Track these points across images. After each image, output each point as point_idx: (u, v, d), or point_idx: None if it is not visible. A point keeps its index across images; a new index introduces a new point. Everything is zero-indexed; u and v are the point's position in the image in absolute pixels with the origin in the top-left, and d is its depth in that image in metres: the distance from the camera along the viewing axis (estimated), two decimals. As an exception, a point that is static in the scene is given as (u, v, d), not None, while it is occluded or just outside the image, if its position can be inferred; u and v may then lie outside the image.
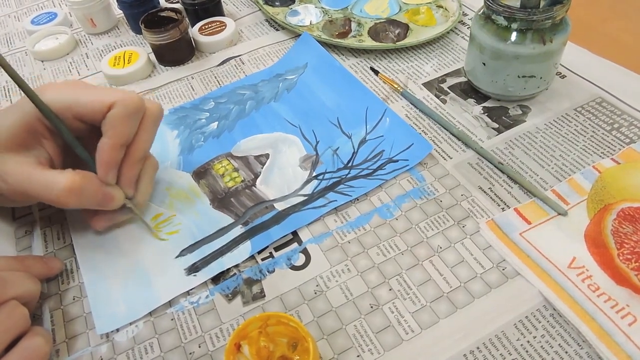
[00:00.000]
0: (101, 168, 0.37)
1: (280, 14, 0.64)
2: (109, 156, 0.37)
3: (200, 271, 0.39)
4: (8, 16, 0.75)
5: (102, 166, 0.37)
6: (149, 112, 0.39)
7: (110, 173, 0.37)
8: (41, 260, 0.38)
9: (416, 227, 0.40)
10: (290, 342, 0.31)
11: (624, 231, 0.37)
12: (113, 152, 0.37)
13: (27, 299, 0.34)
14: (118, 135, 0.37)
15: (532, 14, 0.42)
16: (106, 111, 0.36)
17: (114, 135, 0.37)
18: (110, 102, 0.36)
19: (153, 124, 0.40)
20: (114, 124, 0.36)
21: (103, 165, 0.37)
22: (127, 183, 0.39)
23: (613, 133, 0.46)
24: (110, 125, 0.36)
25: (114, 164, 0.37)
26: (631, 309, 0.33)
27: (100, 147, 0.37)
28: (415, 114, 0.51)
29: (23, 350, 0.31)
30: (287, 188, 0.44)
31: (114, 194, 0.38)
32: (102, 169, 0.37)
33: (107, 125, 0.37)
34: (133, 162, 0.39)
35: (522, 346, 0.33)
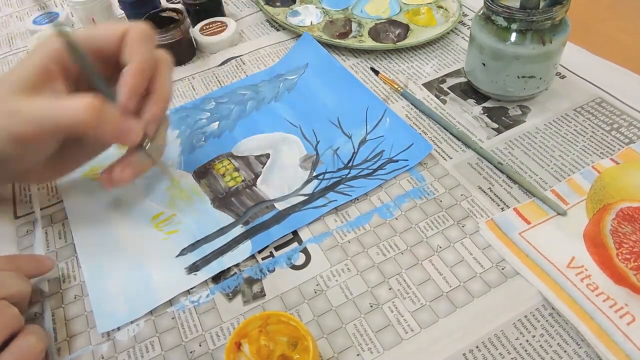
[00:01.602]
0: (124, 92, 0.36)
1: (281, 15, 0.64)
2: (133, 80, 0.36)
3: (200, 270, 0.39)
4: (10, 16, 0.75)
5: (125, 90, 0.36)
6: (161, 58, 0.39)
7: (132, 99, 0.37)
8: (32, 258, 0.38)
9: (416, 226, 0.40)
10: (290, 341, 0.31)
11: (622, 231, 0.37)
12: (137, 76, 0.36)
13: (17, 298, 0.33)
14: (139, 57, 0.37)
15: (531, 14, 0.43)
16: (121, 38, 0.37)
17: (135, 58, 0.37)
18: (123, 28, 0.37)
19: (168, 68, 0.40)
20: (133, 46, 0.37)
21: (126, 90, 0.36)
22: (152, 118, 0.38)
23: (612, 133, 0.46)
24: (130, 49, 0.37)
25: (136, 90, 0.37)
26: (630, 308, 0.33)
27: (124, 73, 0.36)
28: (415, 114, 0.51)
29: (16, 350, 0.31)
30: (287, 188, 0.44)
31: (133, 126, 0.37)
32: (125, 95, 0.36)
33: (127, 50, 0.37)
34: (158, 100, 0.38)
35: (521, 345, 0.33)
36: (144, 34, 0.38)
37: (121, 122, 0.36)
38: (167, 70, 0.39)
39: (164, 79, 0.39)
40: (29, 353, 0.31)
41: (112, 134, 0.36)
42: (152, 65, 0.38)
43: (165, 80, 0.39)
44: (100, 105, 0.34)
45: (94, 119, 0.34)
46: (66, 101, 0.34)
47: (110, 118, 0.35)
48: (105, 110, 0.34)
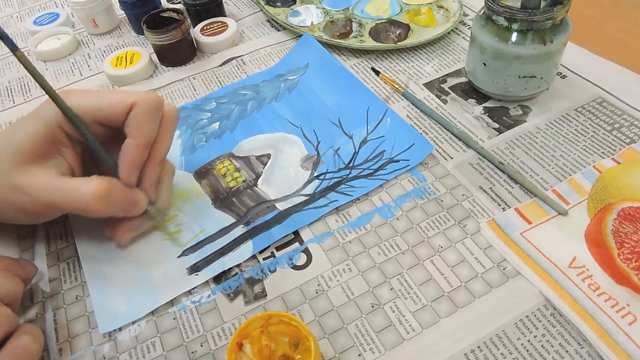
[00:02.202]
0: (125, 169, 0.37)
1: (282, 15, 0.64)
2: (134, 157, 0.37)
3: (202, 271, 0.39)
4: (10, 17, 0.75)
5: (126, 167, 0.37)
6: (167, 114, 0.39)
7: (134, 174, 0.37)
8: (17, 262, 0.37)
9: (417, 226, 0.40)
10: (291, 341, 0.31)
11: (624, 231, 0.37)
12: (138, 152, 0.37)
13: (9, 299, 0.33)
14: (142, 134, 0.37)
15: (532, 14, 0.43)
16: (127, 112, 0.36)
17: (138, 135, 0.36)
18: (131, 101, 0.36)
19: (172, 125, 0.39)
20: (137, 123, 0.36)
21: (128, 166, 0.37)
22: (151, 185, 0.39)
23: (613, 133, 0.46)
24: (133, 124, 0.36)
25: (137, 165, 0.37)
26: (631, 308, 0.33)
27: (125, 148, 0.37)
28: (416, 114, 0.51)
29: (10, 351, 0.31)
30: (288, 188, 0.44)
31: (138, 198, 0.37)
32: (126, 170, 0.37)
33: (131, 125, 0.36)
34: (155, 164, 0.38)
35: (523, 345, 0.33)
36: (150, 109, 0.37)
37: (127, 198, 0.37)
38: (170, 127, 0.39)
39: (162, 142, 0.38)
40: (24, 353, 0.31)
41: (120, 211, 0.37)
42: (153, 137, 0.38)
43: (163, 143, 0.39)
44: (109, 189, 0.35)
45: (103, 206, 0.34)
46: (75, 186, 0.35)
47: (118, 197, 0.36)
48: (113, 191, 0.35)
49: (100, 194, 0.34)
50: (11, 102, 0.58)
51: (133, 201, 0.37)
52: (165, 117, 0.39)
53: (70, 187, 0.35)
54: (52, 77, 0.61)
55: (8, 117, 0.56)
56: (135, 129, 0.36)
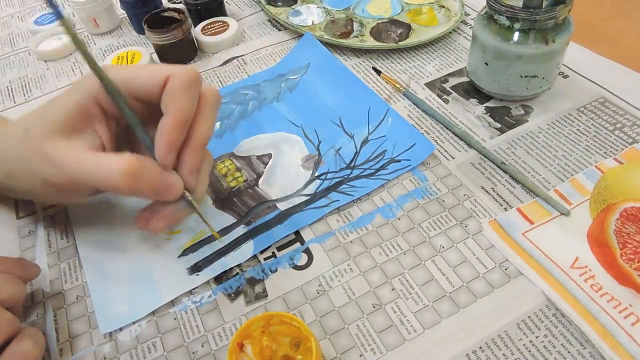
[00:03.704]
0: (161, 148, 0.34)
1: (283, 14, 0.64)
2: (170, 135, 0.34)
3: (202, 271, 0.39)
4: (11, 16, 0.75)
5: (162, 146, 0.34)
6: (206, 95, 0.36)
7: (170, 154, 0.34)
8: (20, 263, 0.37)
9: (418, 227, 0.40)
10: (293, 342, 0.31)
11: (626, 231, 0.37)
12: (174, 130, 0.34)
13: (11, 302, 0.33)
14: (178, 110, 0.34)
15: (534, 14, 0.42)
16: (163, 84, 0.34)
17: (174, 111, 0.34)
18: (166, 74, 0.34)
19: (211, 105, 0.36)
20: (172, 97, 0.34)
21: (163, 144, 0.34)
22: (190, 170, 0.35)
23: (616, 133, 0.46)
24: (169, 99, 0.34)
25: (174, 144, 0.34)
26: (634, 308, 0.33)
27: (161, 126, 0.34)
28: (417, 114, 0.51)
29: (11, 356, 0.30)
30: (289, 188, 0.44)
31: (173, 182, 0.34)
32: (162, 149, 0.34)
33: (167, 100, 0.34)
34: (196, 148, 0.35)
35: (525, 346, 0.33)
36: (187, 82, 0.34)
37: (160, 180, 0.34)
38: (210, 109, 0.36)
39: (202, 123, 0.36)
40: (25, 358, 0.31)
41: (151, 192, 0.34)
42: (191, 115, 0.35)
43: (203, 125, 0.36)
44: (138, 167, 0.32)
45: (130, 184, 0.32)
46: (103, 161, 0.33)
47: (149, 177, 0.33)
48: (144, 170, 0.33)
49: (129, 170, 0.32)
50: (12, 102, 0.58)
51: (167, 183, 0.34)
52: (203, 97, 0.36)
53: (97, 161, 0.33)
54: (52, 77, 0.61)
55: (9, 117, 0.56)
56: (171, 103, 0.34)
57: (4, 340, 0.31)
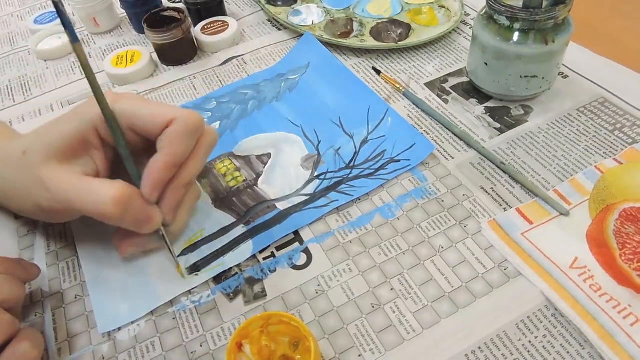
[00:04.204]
0: (148, 185, 0.34)
1: (283, 14, 0.64)
2: (159, 174, 0.35)
3: (201, 270, 0.39)
4: (11, 15, 0.75)
5: (149, 183, 0.34)
6: (205, 136, 0.37)
7: (156, 192, 0.35)
8: (20, 263, 0.37)
9: (418, 227, 0.40)
10: (291, 342, 0.31)
11: (626, 231, 0.37)
12: (164, 170, 0.35)
13: (10, 303, 0.33)
14: (174, 153, 0.35)
15: (534, 14, 0.42)
16: (165, 126, 0.35)
17: (169, 153, 0.34)
18: (171, 117, 0.35)
19: (207, 149, 0.37)
20: (172, 140, 0.34)
21: (151, 182, 0.34)
22: (170, 207, 0.36)
23: (615, 133, 0.46)
24: (167, 141, 0.34)
25: (161, 183, 0.35)
26: (633, 309, 0.33)
27: (152, 163, 0.35)
28: (417, 114, 0.51)
29: (9, 357, 0.30)
30: (288, 188, 0.44)
31: (154, 215, 0.35)
32: (149, 187, 0.34)
33: (165, 141, 0.35)
34: (180, 186, 0.36)
35: (524, 346, 0.33)
36: (189, 129, 0.35)
37: (144, 211, 0.34)
38: (205, 152, 0.37)
39: (193, 164, 0.36)
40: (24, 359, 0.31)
41: (133, 223, 0.34)
42: (184, 158, 0.36)
43: (194, 166, 0.36)
44: (128, 197, 0.33)
45: (120, 213, 0.33)
46: (96, 187, 0.33)
47: (135, 208, 0.34)
48: (131, 201, 0.33)
49: (120, 199, 0.32)
50: (11, 101, 0.58)
51: (148, 217, 0.35)
52: (202, 140, 0.36)
53: (89, 187, 0.33)
54: (52, 76, 0.61)
55: (8, 116, 0.56)
56: (168, 146, 0.34)
57: (3, 341, 0.30)
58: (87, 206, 0.33)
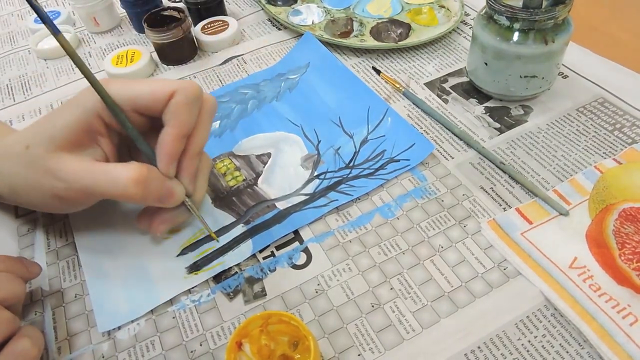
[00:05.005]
0: (164, 159, 0.35)
1: (283, 14, 0.64)
2: (172, 147, 0.35)
3: (201, 269, 0.39)
4: (11, 14, 0.75)
5: (164, 157, 0.35)
6: (205, 104, 0.37)
7: (172, 165, 0.36)
8: (21, 262, 0.37)
9: (417, 226, 0.40)
10: (291, 341, 0.31)
11: (625, 231, 0.37)
12: (176, 142, 0.35)
13: (10, 301, 0.33)
14: (181, 124, 0.35)
15: (534, 14, 0.42)
16: (167, 100, 0.35)
17: (176, 125, 0.35)
18: (171, 90, 0.35)
19: (209, 116, 0.38)
20: (176, 112, 0.35)
21: (166, 156, 0.35)
22: (188, 177, 0.37)
23: (615, 133, 0.46)
24: (172, 113, 0.35)
25: (176, 155, 0.36)
26: (632, 309, 0.33)
27: (163, 137, 0.35)
28: (417, 113, 0.51)
29: (9, 354, 0.30)
30: (288, 187, 0.44)
31: (175, 189, 0.36)
32: (165, 160, 0.35)
33: (170, 113, 0.35)
34: (193, 156, 0.37)
35: (523, 346, 0.33)
36: (190, 98, 0.36)
37: (164, 187, 0.35)
38: (208, 119, 0.38)
39: (200, 133, 0.37)
40: (23, 357, 0.31)
41: (156, 199, 0.35)
42: (192, 127, 0.36)
43: (201, 134, 0.37)
44: (147, 175, 0.34)
45: (141, 192, 0.33)
46: (113, 171, 0.34)
47: (156, 185, 0.35)
48: (152, 178, 0.34)
49: (139, 178, 0.33)
50: (11, 100, 0.58)
51: (170, 191, 0.36)
52: (203, 108, 0.37)
53: (108, 171, 0.34)
54: (52, 75, 0.61)
55: (8, 115, 0.56)
56: (174, 117, 0.35)
57: (3, 339, 0.31)
58: (107, 190, 0.34)
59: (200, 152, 0.38)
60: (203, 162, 0.40)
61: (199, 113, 0.37)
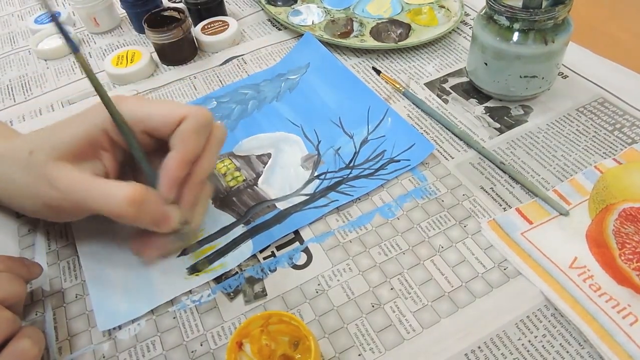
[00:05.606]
0: (166, 184, 0.35)
1: (283, 14, 0.64)
2: (176, 172, 0.35)
3: (202, 271, 0.39)
4: (11, 15, 0.75)
5: (167, 182, 0.35)
6: (214, 132, 0.37)
7: (173, 189, 0.35)
8: (22, 262, 0.37)
9: (418, 226, 0.40)
10: (291, 341, 0.31)
11: (625, 231, 0.37)
12: (180, 167, 0.35)
13: (11, 301, 0.33)
14: (188, 150, 0.35)
15: (534, 14, 0.42)
16: (177, 124, 0.35)
17: (184, 151, 0.35)
18: (182, 115, 0.35)
19: (218, 144, 0.37)
20: (184, 137, 0.35)
21: (169, 180, 0.35)
22: (188, 204, 0.36)
23: (615, 133, 0.46)
24: (180, 138, 0.35)
25: (178, 181, 0.35)
26: (632, 309, 0.33)
27: (168, 162, 0.35)
28: (417, 113, 0.51)
29: (9, 354, 0.30)
30: (288, 187, 0.44)
31: (172, 214, 0.35)
32: (167, 185, 0.35)
33: (178, 138, 0.35)
34: (196, 183, 0.36)
35: (524, 346, 0.33)
36: (200, 125, 0.35)
37: (160, 211, 0.34)
38: (216, 147, 0.37)
39: (206, 160, 0.36)
40: (23, 357, 0.31)
41: (150, 222, 0.34)
42: (198, 154, 0.36)
43: (207, 162, 0.37)
44: (143, 197, 0.33)
45: (134, 213, 0.33)
46: (109, 187, 0.33)
47: (151, 208, 0.34)
48: (148, 200, 0.33)
49: (135, 199, 0.32)
50: (12, 101, 0.58)
51: (166, 216, 0.35)
52: (212, 135, 0.37)
53: (104, 187, 0.33)
54: (52, 75, 0.61)
55: (9, 116, 0.56)
56: (182, 142, 0.35)
57: (3, 339, 0.31)
58: (101, 206, 0.33)
59: (203, 181, 0.37)
60: (204, 190, 0.39)
61: (207, 140, 0.36)
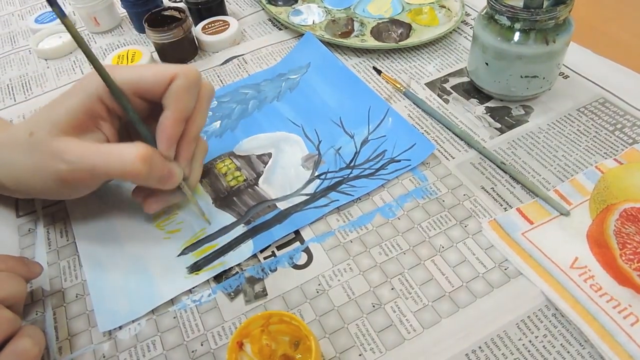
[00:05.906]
0: (164, 142, 0.36)
1: (283, 14, 0.64)
2: (172, 129, 0.37)
3: (202, 269, 0.39)
4: (12, 14, 0.75)
5: (164, 140, 0.36)
6: (203, 90, 0.39)
7: (171, 147, 0.37)
8: (22, 261, 0.37)
9: (418, 226, 0.40)
10: (292, 341, 0.31)
11: (626, 231, 0.37)
12: (175, 125, 0.37)
13: (11, 301, 0.33)
14: (180, 108, 0.37)
15: (535, 14, 0.42)
16: (168, 83, 0.36)
17: (176, 109, 0.36)
18: (172, 73, 0.36)
19: (207, 101, 0.39)
20: (176, 96, 0.36)
21: (166, 138, 0.36)
22: (185, 160, 0.39)
23: (616, 133, 0.46)
24: (172, 97, 0.36)
25: (175, 138, 0.37)
26: (633, 309, 0.33)
27: (163, 121, 0.36)
28: (417, 113, 0.51)
29: (10, 354, 0.30)
30: (289, 187, 0.44)
31: (175, 171, 0.37)
32: (165, 143, 0.37)
33: (170, 97, 0.36)
34: (190, 139, 0.38)
35: (524, 346, 0.33)
36: (190, 82, 0.37)
37: (165, 168, 0.36)
38: (206, 103, 0.39)
39: (198, 117, 0.38)
40: (24, 357, 0.31)
41: (157, 179, 0.36)
42: (191, 111, 0.38)
43: (199, 119, 0.39)
44: (151, 154, 0.35)
45: (147, 169, 0.34)
46: (119, 149, 0.35)
47: (158, 165, 0.36)
48: (154, 159, 0.35)
49: (146, 156, 0.34)
50: (12, 100, 0.58)
51: (170, 173, 0.37)
52: (201, 93, 0.38)
53: (114, 150, 0.35)
54: (53, 75, 0.61)
55: (9, 115, 0.56)
56: (174, 101, 0.36)
57: (3, 338, 0.31)
58: (114, 168, 0.34)
59: (197, 137, 0.39)
60: (199, 147, 0.41)
61: (197, 98, 0.38)
